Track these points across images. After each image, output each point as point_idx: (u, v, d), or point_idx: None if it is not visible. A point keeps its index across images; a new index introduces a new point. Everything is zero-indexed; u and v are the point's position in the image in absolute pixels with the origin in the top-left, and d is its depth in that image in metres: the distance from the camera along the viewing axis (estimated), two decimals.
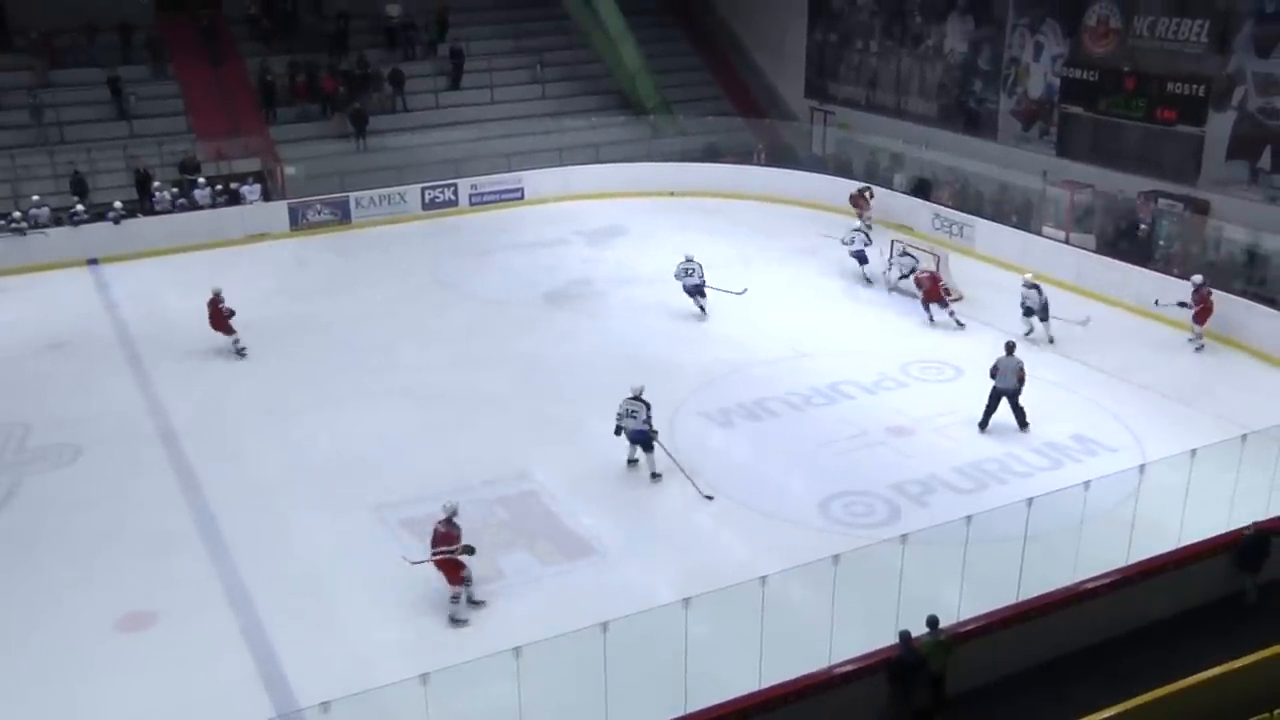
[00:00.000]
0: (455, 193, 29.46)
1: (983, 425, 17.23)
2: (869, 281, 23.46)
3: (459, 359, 20.07)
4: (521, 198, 30.00)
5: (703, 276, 21.79)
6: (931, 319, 21.24)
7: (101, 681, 11.89)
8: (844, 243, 23.88)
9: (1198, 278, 20.16)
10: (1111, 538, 12.81)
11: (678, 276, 21.90)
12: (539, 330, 21.47)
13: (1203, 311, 19.90)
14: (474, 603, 13.09)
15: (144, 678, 11.94)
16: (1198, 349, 19.91)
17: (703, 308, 21.85)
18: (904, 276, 22.77)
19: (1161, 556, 12.72)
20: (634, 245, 26.54)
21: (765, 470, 16.15)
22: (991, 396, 17.12)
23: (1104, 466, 15.34)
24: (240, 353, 20.26)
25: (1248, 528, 13.00)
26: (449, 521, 13.02)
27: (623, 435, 15.95)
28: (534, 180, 30.16)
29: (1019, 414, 17.10)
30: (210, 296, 20.30)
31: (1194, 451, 13.16)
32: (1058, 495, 13.01)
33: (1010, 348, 17.41)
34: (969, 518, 11.84)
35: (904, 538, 11.65)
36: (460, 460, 16.25)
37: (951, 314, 21.09)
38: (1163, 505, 13.17)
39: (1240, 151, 22.69)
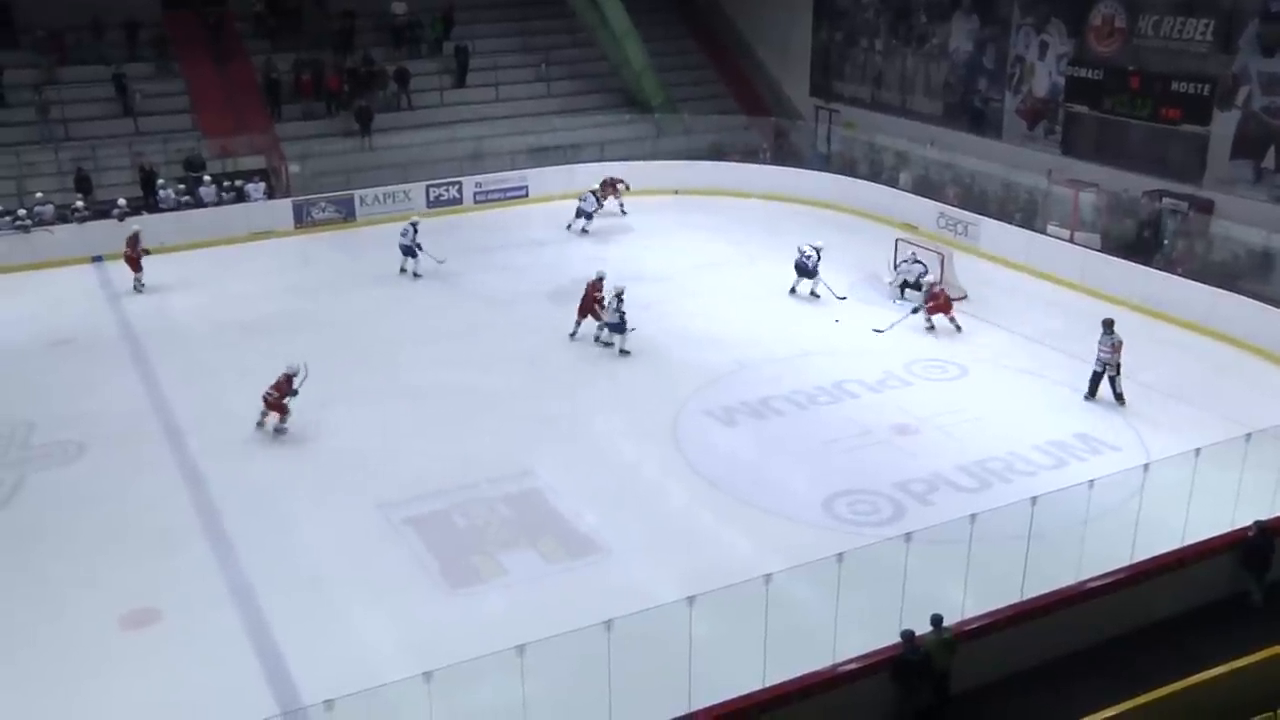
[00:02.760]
0: (460, 191, 29.45)
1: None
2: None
3: (463, 357, 20.10)
4: (526, 196, 30.05)
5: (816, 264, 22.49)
6: (931, 326, 20.98)
7: (105, 679, 11.90)
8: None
9: (930, 277, 21.48)
10: (1116, 536, 12.81)
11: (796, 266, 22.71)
12: (543, 328, 21.50)
13: (935, 306, 20.87)
14: (280, 430, 17.03)
15: (148, 675, 11.96)
16: (929, 329, 20.91)
17: (814, 293, 22.62)
18: (911, 285, 22.34)
19: (1165, 555, 12.71)
20: (638, 243, 26.58)
21: (770, 468, 16.17)
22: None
23: (1108, 465, 15.35)
24: (139, 289, 23.09)
25: (1250, 527, 12.99)
26: (289, 379, 17.00)
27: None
28: (539, 178, 30.16)
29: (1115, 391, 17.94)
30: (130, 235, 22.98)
31: (1198, 450, 13.16)
32: (1062, 494, 13.01)
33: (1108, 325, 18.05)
34: (973, 516, 11.85)
35: (908, 536, 11.65)
36: (464, 458, 16.29)
37: (951, 319, 20.96)
38: (1167, 504, 13.18)
39: (1244, 151, 22.67)
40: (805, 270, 22.61)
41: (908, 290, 22.43)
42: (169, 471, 16.17)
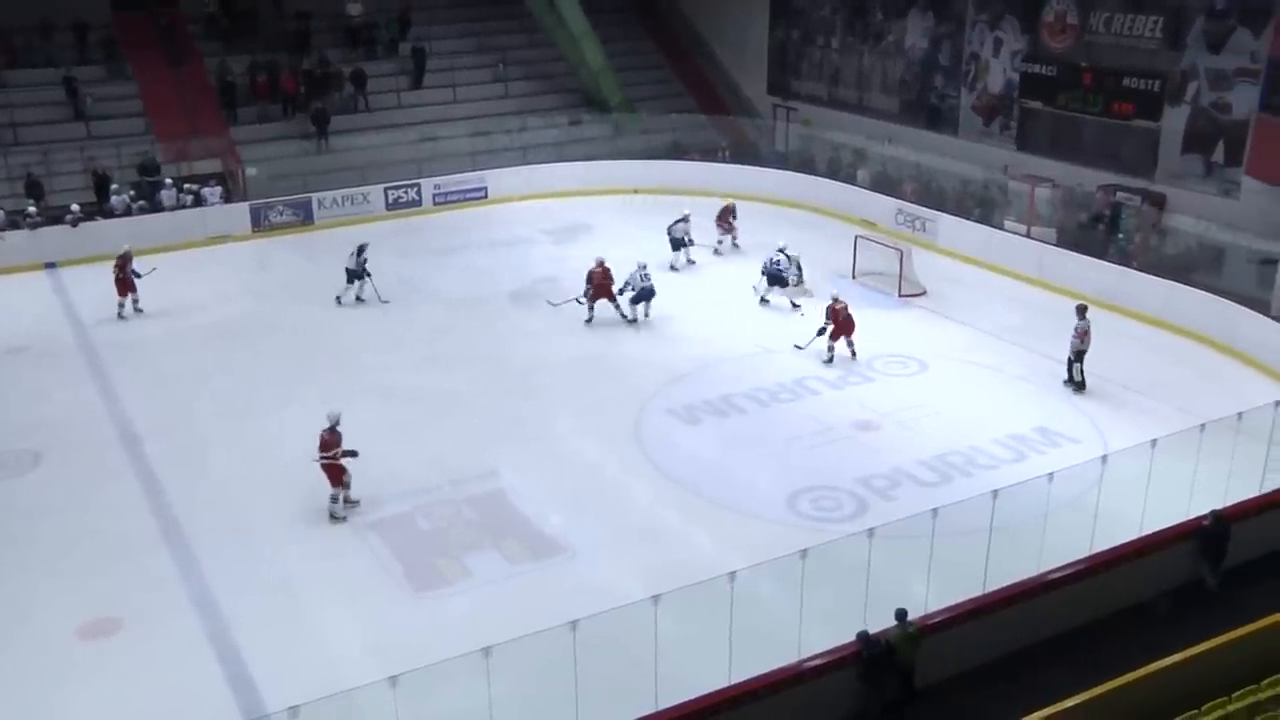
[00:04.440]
0: (419, 192, 29.36)
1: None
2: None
3: (425, 359, 20.01)
4: (485, 197, 29.98)
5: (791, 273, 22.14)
6: (830, 359, 19.44)
7: (66, 690, 11.72)
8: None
9: (834, 290, 19.97)
10: (1075, 528, 12.97)
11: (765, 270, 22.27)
12: (505, 329, 21.46)
13: (838, 329, 19.30)
14: (349, 502, 14.89)
15: (109, 685, 11.80)
16: (827, 361, 19.34)
17: (795, 303, 21.99)
18: (778, 282, 21.88)
19: (1124, 546, 12.88)
20: (599, 243, 26.46)
21: (733, 466, 16.21)
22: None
23: (1067, 458, 15.51)
24: (123, 314, 21.93)
25: (1205, 517, 13.20)
26: (332, 430, 14.71)
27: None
28: (498, 179, 30.14)
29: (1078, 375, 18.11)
30: (120, 255, 21.74)
31: (1154, 442, 13.34)
32: (1022, 487, 13.14)
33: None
34: (935, 511, 11.95)
35: (871, 532, 11.72)
36: (427, 460, 16.22)
37: (850, 344, 19.39)
38: (1124, 495, 13.34)
39: (1195, 146, 23.11)
40: (779, 279, 22.17)
41: (774, 289, 22.01)
42: (127, 479, 15.98)
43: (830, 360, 19.38)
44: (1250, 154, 21.89)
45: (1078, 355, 18.26)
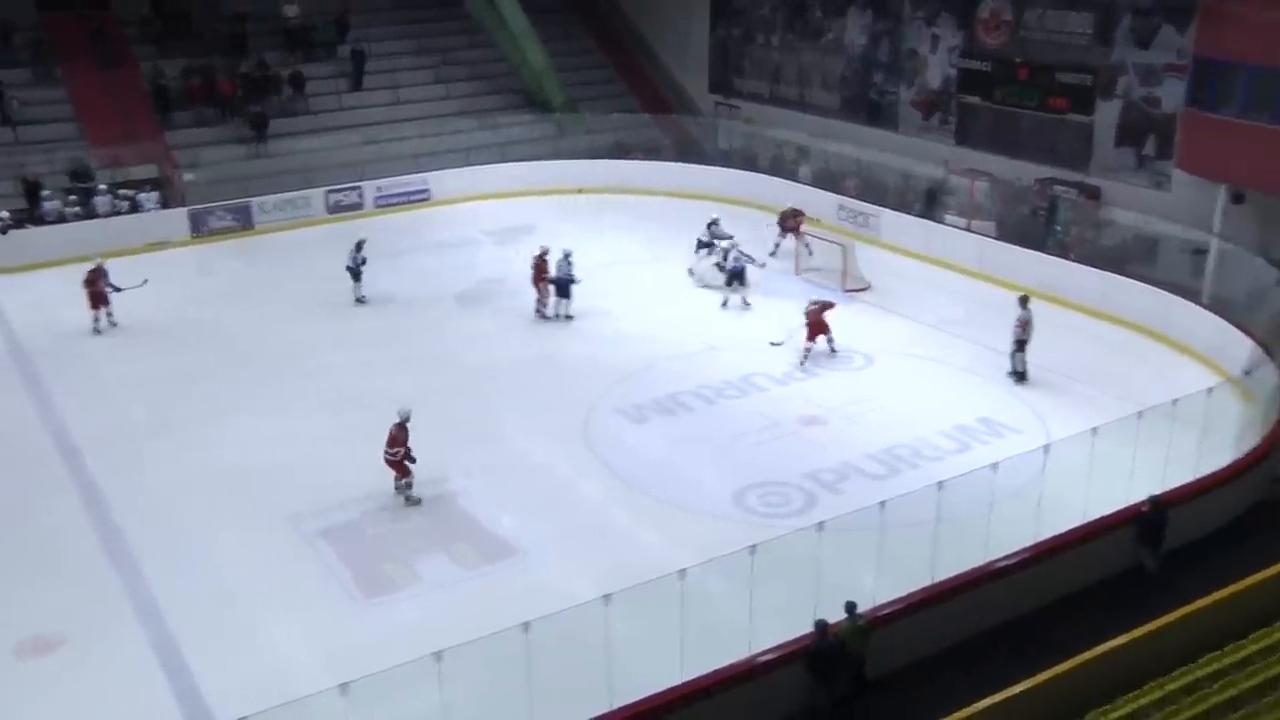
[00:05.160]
0: (360, 195, 29.04)
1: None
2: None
3: (371, 362, 19.80)
4: (428, 199, 29.71)
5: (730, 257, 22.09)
6: (806, 356, 19.43)
7: (5, 712, 11.44)
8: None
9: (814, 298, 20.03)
10: (1020, 517, 13.14)
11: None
12: (451, 332, 21.32)
13: (813, 327, 19.28)
14: (411, 500, 15.19)
15: (52, 705, 11.53)
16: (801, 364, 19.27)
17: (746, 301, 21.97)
18: (737, 276, 21.91)
19: (1067, 533, 13.08)
20: (543, 243, 26.40)
21: (681, 464, 16.21)
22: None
23: (1010, 448, 15.71)
24: (112, 325, 21.23)
25: (1144, 503, 13.43)
26: (401, 426, 15.04)
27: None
28: (440, 181, 29.90)
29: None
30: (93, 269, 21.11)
31: (1094, 430, 13.56)
32: (967, 478, 13.29)
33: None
34: (883, 503, 12.07)
35: (820, 526, 11.80)
36: (376, 466, 15.93)
37: (830, 340, 19.56)
38: (1067, 483, 13.56)
39: (1127, 139, 23.60)
40: (739, 275, 22.05)
41: (735, 287, 22.02)
42: (67, 491, 15.63)
43: (804, 362, 19.23)
44: (1179, 147, 22.41)
45: (1019, 345, 18.50)
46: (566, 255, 21.54)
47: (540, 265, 21.74)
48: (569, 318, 21.60)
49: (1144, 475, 13.79)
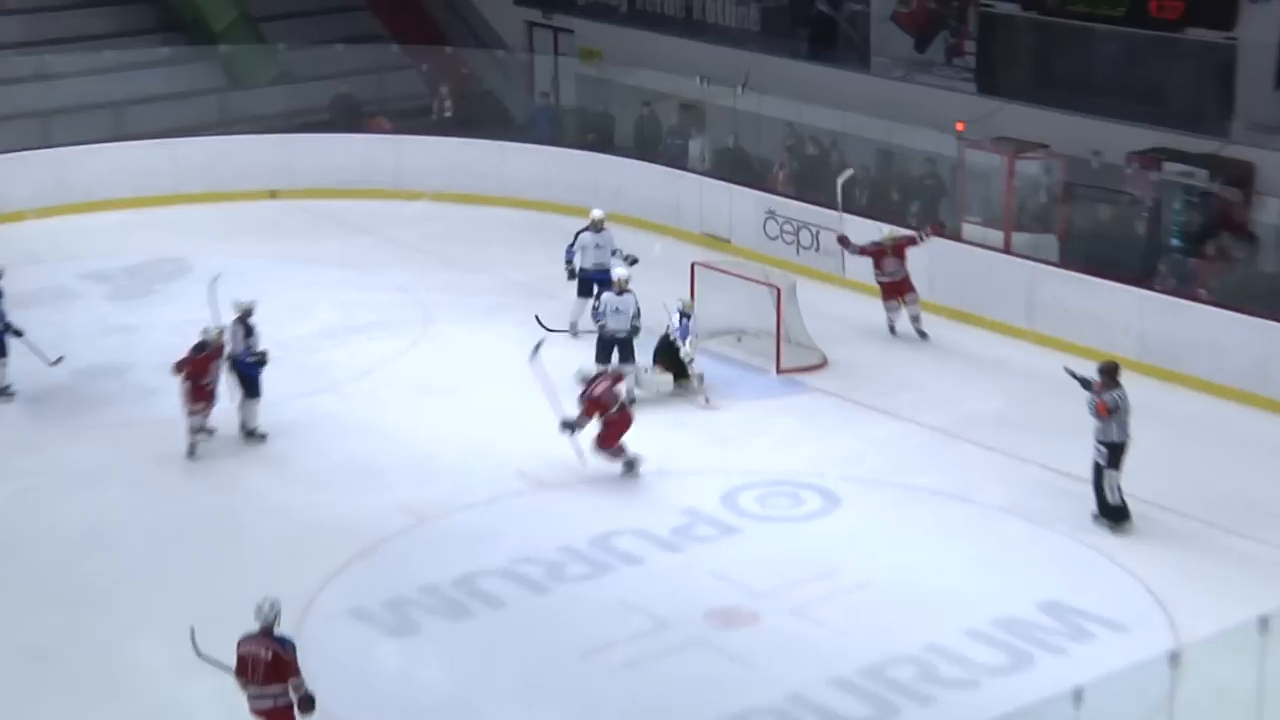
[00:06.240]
0: None
1: None
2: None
3: None
4: None
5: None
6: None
7: None
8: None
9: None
10: None
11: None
12: (34, 467, 13.35)
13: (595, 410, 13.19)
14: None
15: None
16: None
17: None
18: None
19: None
20: (204, 295, 16.09)
21: (480, 715, 10.18)
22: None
23: (1105, 656, 9.85)
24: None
25: None
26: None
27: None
28: None
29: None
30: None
31: (1264, 621, 7.91)
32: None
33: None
34: None
35: None
36: None
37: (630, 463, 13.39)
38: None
39: None
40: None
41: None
42: None
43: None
44: None
45: (1110, 457, 12.00)
46: (243, 316, 13.69)
47: (211, 348, 13.53)
48: (259, 435, 13.70)
49: None
